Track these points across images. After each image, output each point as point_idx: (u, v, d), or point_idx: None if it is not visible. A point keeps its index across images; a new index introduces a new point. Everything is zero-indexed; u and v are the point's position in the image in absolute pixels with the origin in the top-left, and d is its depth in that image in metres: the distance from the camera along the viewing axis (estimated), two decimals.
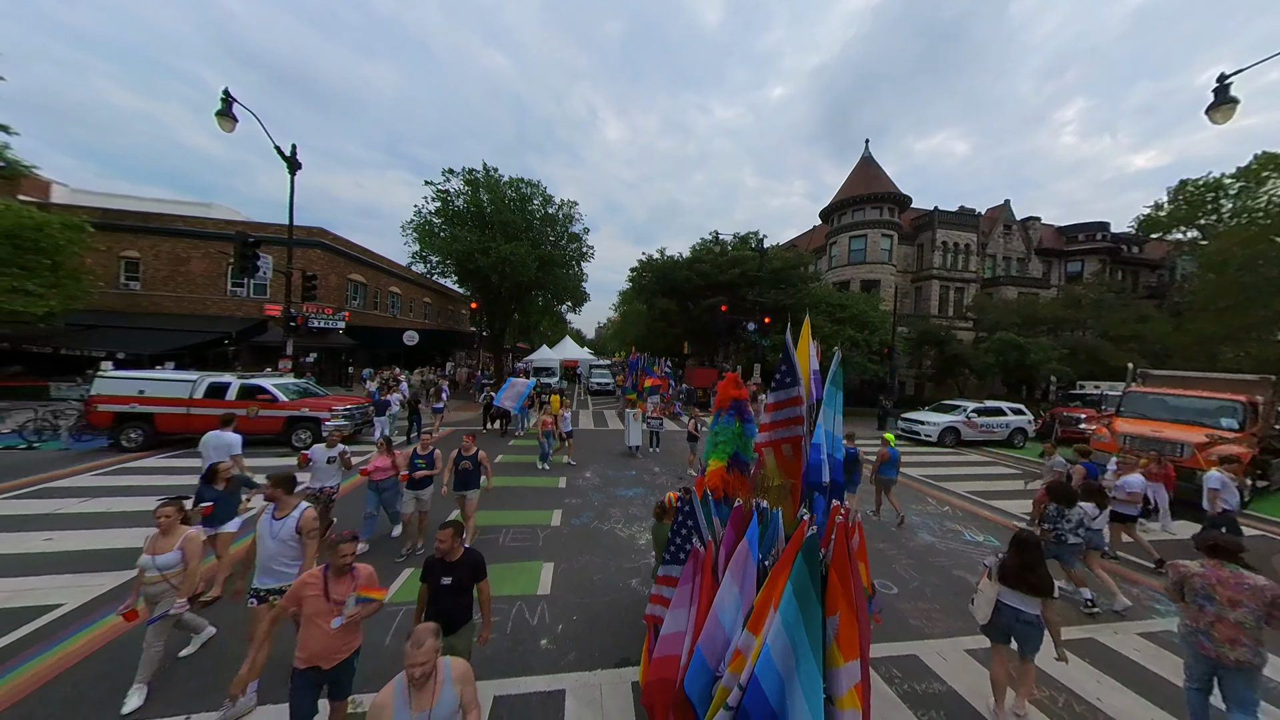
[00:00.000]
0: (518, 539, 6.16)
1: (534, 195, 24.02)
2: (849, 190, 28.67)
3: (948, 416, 15.43)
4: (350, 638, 2.61)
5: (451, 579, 2.75)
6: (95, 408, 9.17)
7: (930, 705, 3.52)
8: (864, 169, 29.19)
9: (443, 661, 2.15)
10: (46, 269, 12.76)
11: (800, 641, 1.96)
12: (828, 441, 2.39)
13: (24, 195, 16.42)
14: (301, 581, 2.57)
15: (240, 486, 4.84)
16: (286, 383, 10.88)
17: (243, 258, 11.17)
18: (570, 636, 4.13)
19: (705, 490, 2.79)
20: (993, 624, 3.27)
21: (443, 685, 2.09)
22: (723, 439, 3.01)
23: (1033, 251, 32.41)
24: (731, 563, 2.22)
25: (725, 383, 3.17)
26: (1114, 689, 3.78)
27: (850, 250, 28.10)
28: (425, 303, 34.13)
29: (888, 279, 27.18)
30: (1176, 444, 9.42)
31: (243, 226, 19.42)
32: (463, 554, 2.83)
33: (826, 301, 22.31)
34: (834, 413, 2.47)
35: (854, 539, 2.18)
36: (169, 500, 3.37)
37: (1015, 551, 3.21)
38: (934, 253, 28.74)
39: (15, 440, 9.21)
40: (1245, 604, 2.78)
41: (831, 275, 29.19)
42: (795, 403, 2.73)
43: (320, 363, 20.33)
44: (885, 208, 27.40)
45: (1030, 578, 3.09)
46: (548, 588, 4.97)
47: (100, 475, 7.96)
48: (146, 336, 16.04)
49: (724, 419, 3.05)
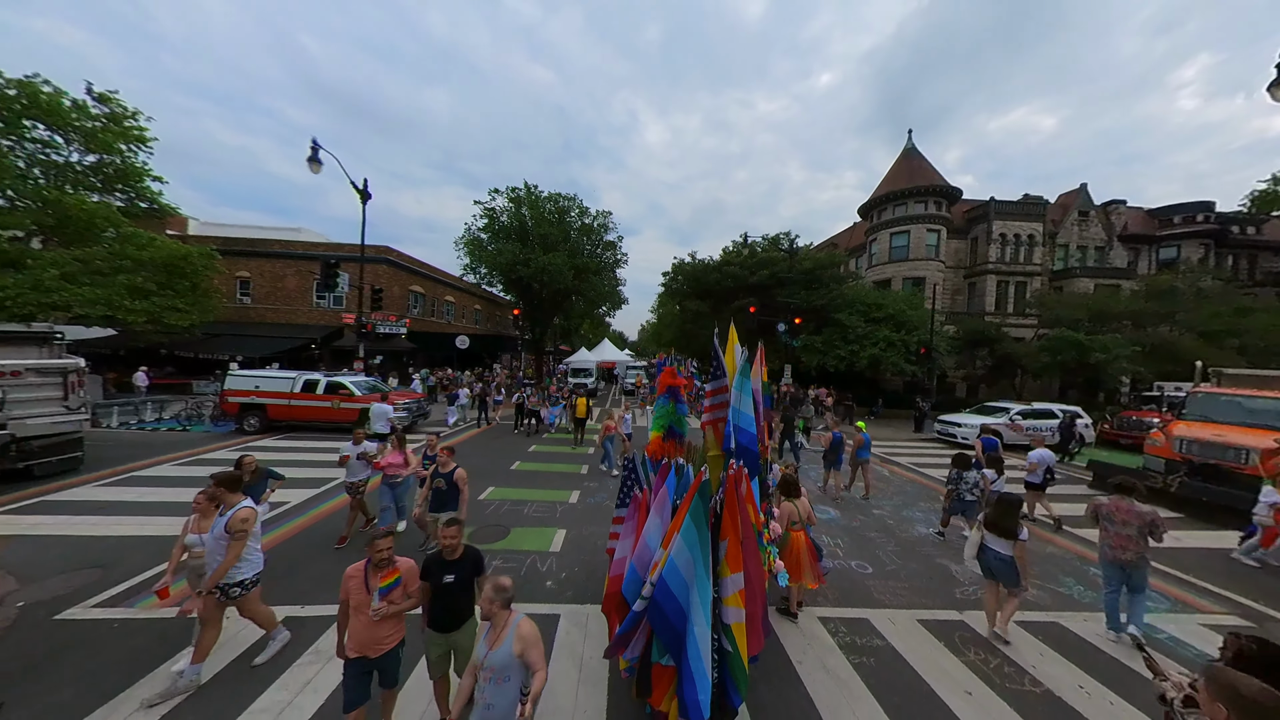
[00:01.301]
0: (539, 511, 7.25)
1: (570, 208, 25.65)
2: (890, 184, 27.53)
3: (988, 419, 14.69)
4: (393, 629, 2.70)
5: (454, 577, 2.77)
6: (226, 399, 11.68)
7: (864, 654, 4.05)
8: (907, 161, 27.90)
9: (514, 617, 2.38)
10: (188, 290, 16.05)
11: (695, 555, 2.73)
12: (735, 417, 3.13)
13: (170, 230, 20.50)
14: (346, 574, 2.68)
15: (266, 477, 5.10)
16: (360, 380, 12.94)
17: (327, 276, 13.42)
18: (570, 582, 5.09)
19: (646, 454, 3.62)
20: (981, 563, 4.35)
21: (507, 636, 2.32)
22: (660, 415, 3.82)
23: (1114, 239, 29.10)
24: (656, 502, 3.03)
25: (664, 374, 3.97)
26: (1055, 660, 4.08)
27: (892, 247, 26.96)
28: (476, 309, 37.14)
29: (934, 276, 25.78)
30: (1240, 450, 8.66)
31: (325, 247, 22.75)
32: (464, 551, 2.85)
33: (861, 301, 21.77)
34: (744, 395, 3.19)
35: (741, 487, 2.91)
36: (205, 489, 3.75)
37: (994, 507, 4.30)
38: (989, 246, 26.80)
39: (174, 424, 11.99)
40: (1131, 523, 4.25)
41: (872, 274, 28.17)
42: (724, 391, 3.47)
43: (385, 364, 23.16)
44: (931, 201, 26.03)
45: (1002, 523, 4.16)
46: (559, 547, 5.97)
47: (232, 451, 10.18)
48: (256, 342, 19.38)
49: (661, 401, 3.86)
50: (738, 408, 3.18)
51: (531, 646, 2.32)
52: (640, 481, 3.36)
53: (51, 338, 8.03)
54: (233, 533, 3.35)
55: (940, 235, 26.15)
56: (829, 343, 20.92)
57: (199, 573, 3.53)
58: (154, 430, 12.01)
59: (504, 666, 2.27)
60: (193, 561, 3.59)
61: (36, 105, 14.26)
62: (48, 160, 15.23)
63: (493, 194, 25.16)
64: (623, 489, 3.46)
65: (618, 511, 3.53)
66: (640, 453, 3.58)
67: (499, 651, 2.27)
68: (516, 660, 2.28)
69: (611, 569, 3.32)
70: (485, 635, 2.33)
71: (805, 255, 24.02)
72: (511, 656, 2.27)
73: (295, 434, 11.83)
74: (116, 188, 16.38)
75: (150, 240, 15.30)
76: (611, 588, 3.32)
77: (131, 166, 16.25)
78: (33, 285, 12.76)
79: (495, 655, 2.26)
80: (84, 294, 13.44)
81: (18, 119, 14.29)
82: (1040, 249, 27.39)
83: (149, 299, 14.82)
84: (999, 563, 4.18)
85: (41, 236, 15.11)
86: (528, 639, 2.33)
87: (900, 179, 27.21)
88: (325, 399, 11.84)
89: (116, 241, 14.99)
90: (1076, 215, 28.87)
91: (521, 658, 2.29)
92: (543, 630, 4.28)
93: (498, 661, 2.26)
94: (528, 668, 2.29)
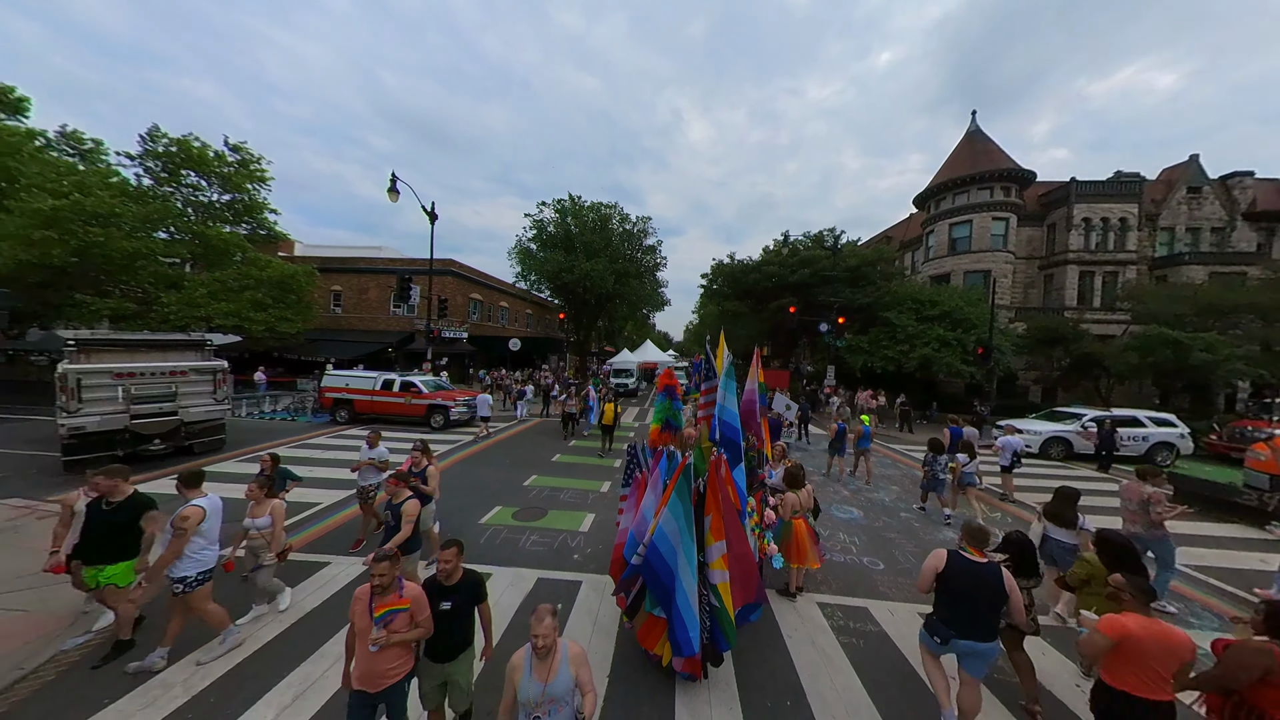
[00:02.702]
0: (573, 497, 8.13)
1: (611, 215, 26.81)
2: (950, 171, 25.60)
3: (1055, 425, 13.50)
4: (397, 660, 2.48)
5: (451, 603, 2.59)
6: (324, 395, 13.96)
7: (855, 636, 4.39)
8: (970, 145, 25.79)
9: (561, 643, 2.28)
10: (295, 302, 19.14)
11: (680, 525, 3.34)
12: (720, 412, 3.68)
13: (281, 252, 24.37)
14: (355, 596, 2.53)
15: (284, 478, 5.43)
16: (428, 379, 14.76)
17: (402, 290, 15.46)
18: (594, 557, 5.84)
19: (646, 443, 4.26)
20: (1042, 551, 4.54)
21: (561, 664, 2.22)
22: (659, 410, 4.44)
23: (1238, 218, 24.81)
24: (651, 482, 3.67)
25: (663, 375, 4.57)
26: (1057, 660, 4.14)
27: (951, 239, 25.08)
28: (527, 313, 39.65)
29: (1000, 268, 23.66)
30: None
31: (400, 263, 25.70)
32: (462, 576, 2.68)
33: (913, 298, 20.60)
34: (729, 394, 3.72)
35: (721, 471, 3.46)
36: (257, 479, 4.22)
37: (1054, 500, 4.63)
38: (1070, 233, 24.05)
39: (285, 415, 14.58)
40: (1133, 499, 4.96)
41: (929, 268, 26.38)
42: (714, 390, 4.03)
43: (448, 365, 25.69)
44: (997, 187, 23.89)
45: (1063, 514, 4.48)
46: (587, 528, 6.78)
47: (330, 437, 12.23)
48: (345, 346, 22.49)
49: (659, 398, 4.47)
50: (723, 404, 3.73)
51: (583, 666, 2.28)
52: (641, 465, 4.03)
53: (204, 344, 10.29)
54: (175, 527, 3.41)
55: (1009, 224, 23.92)
56: (875, 343, 20.07)
57: (255, 553, 4.03)
58: (270, 419, 14.65)
59: (565, 694, 2.20)
60: (250, 543, 4.08)
61: (190, 158, 17.85)
62: (196, 200, 18.96)
63: (540, 206, 27.04)
64: (626, 472, 4.15)
65: (623, 490, 4.21)
66: (642, 441, 4.24)
67: (558, 681, 2.18)
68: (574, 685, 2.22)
69: (617, 538, 4.02)
70: (531, 671, 2.18)
71: (850, 252, 23.14)
72: (571, 682, 2.21)
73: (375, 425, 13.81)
74: (244, 219, 19.95)
75: (268, 262, 18.48)
76: (616, 554, 4.02)
77: (255, 201, 19.73)
78: (188, 302, 16.05)
79: (556, 686, 2.18)
80: (222, 308, 16.62)
81: (178, 170, 17.99)
82: (1135, 234, 24.07)
83: (267, 311, 17.93)
84: (1061, 550, 4.47)
85: (191, 262, 18.82)
86: (579, 659, 2.29)
87: (962, 164, 25.21)
88: (399, 396, 13.74)
89: (243, 264, 18.30)
90: (1185, 192, 24.99)
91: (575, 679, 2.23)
92: (566, 594, 5.13)
93: (559, 691, 2.18)
94: (578, 689, 2.23)
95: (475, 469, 9.75)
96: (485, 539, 6.25)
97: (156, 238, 16.90)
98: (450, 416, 13.74)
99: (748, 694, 3.57)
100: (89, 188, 14.42)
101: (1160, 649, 2.34)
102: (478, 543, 6.09)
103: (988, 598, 2.96)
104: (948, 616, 3.04)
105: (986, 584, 2.96)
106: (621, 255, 26.87)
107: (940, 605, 3.11)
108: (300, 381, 18.88)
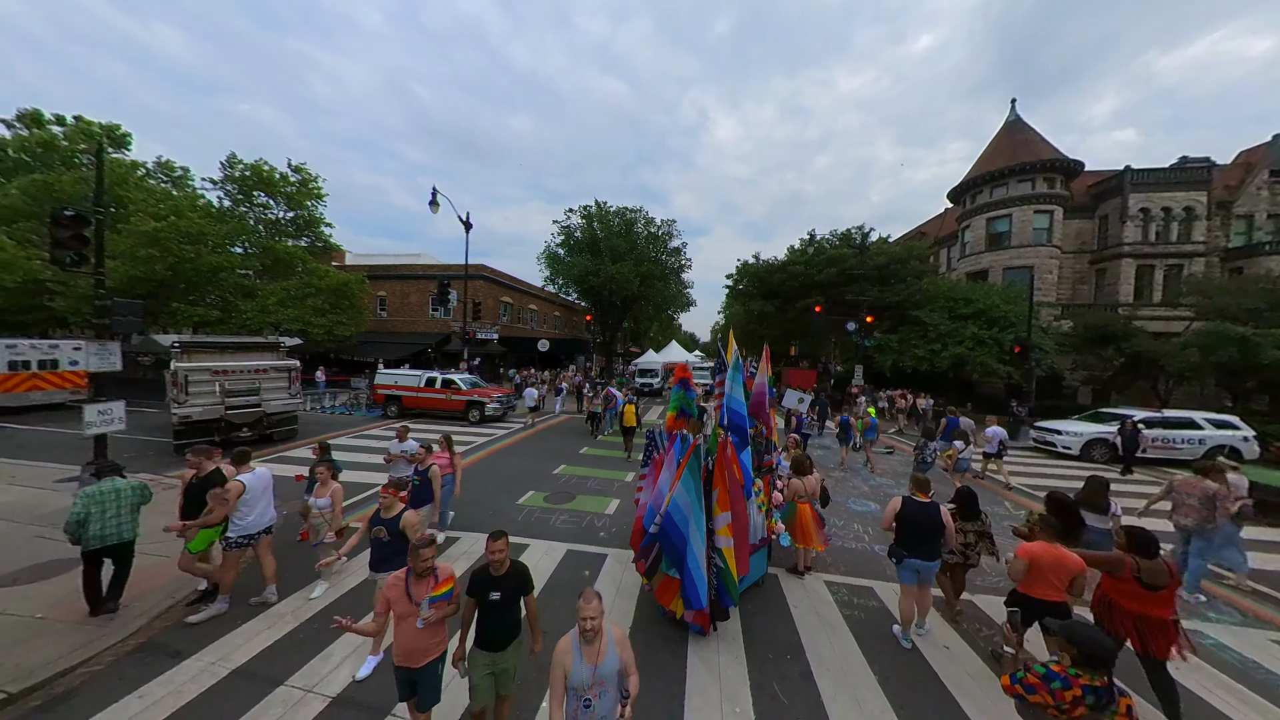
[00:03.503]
0: (599, 485, 8.77)
1: (636, 219, 27.51)
2: (988, 164, 24.59)
3: (1098, 427, 12.90)
4: (434, 638, 2.65)
5: (500, 594, 2.66)
6: (376, 391, 15.38)
7: (857, 610, 4.74)
8: (1009, 135, 24.69)
9: (605, 625, 2.35)
10: (349, 308, 20.99)
11: (691, 498, 3.86)
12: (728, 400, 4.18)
13: (334, 262, 26.63)
14: (388, 584, 2.67)
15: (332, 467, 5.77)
16: (465, 377, 15.91)
17: (442, 294, 16.73)
18: (617, 534, 6.44)
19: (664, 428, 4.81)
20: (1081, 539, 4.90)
21: (608, 646, 2.29)
22: (675, 400, 4.97)
23: None
24: (666, 461, 4.21)
25: (678, 369, 5.10)
26: None
27: (989, 234, 24.09)
28: (555, 315, 41.02)
29: (1044, 263, 22.52)
30: None
31: (438, 269, 27.43)
32: (510, 566, 2.76)
33: (945, 296, 20.01)
34: (736, 385, 4.21)
35: (728, 451, 3.95)
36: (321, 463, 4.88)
37: (1085, 487, 4.95)
38: (1124, 224, 22.54)
39: (343, 409, 16.18)
40: (1194, 495, 5.19)
41: (965, 265, 25.42)
42: (724, 383, 4.53)
43: (481, 365, 27.16)
44: (1040, 179, 22.76)
45: (1094, 501, 4.85)
46: (612, 511, 7.39)
47: (382, 429, 13.51)
48: (391, 347, 24.32)
49: (675, 389, 5.00)
50: (730, 394, 4.24)
51: (626, 647, 2.38)
52: (658, 447, 4.58)
53: (278, 346, 11.73)
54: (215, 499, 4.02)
55: (1053, 217, 22.72)
56: (905, 341, 19.66)
57: (316, 530, 4.58)
58: (330, 413, 16.25)
59: (613, 675, 2.31)
60: (314, 521, 4.60)
61: (260, 180, 20.00)
62: (265, 218, 21.17)
63: (568, 213, 28.16)
64: (645, 453, 4.72)
65: (642, 470, 4.78)
66: (660, 426, 4.79)
67: (607, 663, 2.28)
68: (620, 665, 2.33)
69: (637, 512, 4.59)
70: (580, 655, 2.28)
71: (878, 250, 22.70)
72: (618, 663, 2.32)
73: (420, 419, 15.09)
74: (304, 233, 22.06)
75: (326, 272, 20.40)
76: (636, 525, 4.59)
77: (314, 216, 21.77)
78: (261, 309, 18.03)
79: (605, 667, 2.28)
80: (289, 314, 18.54)
81: (250, 191, 20.19)
82: (1203, 223, 22.24)
83: (325, 316, 19.79)
84: (1095, 534, 4.80)
85: (261, 273, 21.04)
86: (623, 641, 2.39)
87: (1001, 156, 24.18)
88: (441, 392, 14.93)
89: (305, 274, 20.27)
90: (1266, 176, 22.84)
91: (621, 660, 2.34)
92: (593, 564, 5.73)
93: (608, 672, 2.28)
94: (622, 671, 2.33)
95: (510, 458, 10.61)
96: (522, 517, 6.99)
97: (234, 252, 19.07)
98: (486, 411, 14.80)
99: (753, 648, 4.04)
100: (182, 211, 16.57)
101: (1057, 566, 3.31)
102: (515, 520, 6.83)
103: (929, 528, 3.99)
104: (903, 542, 4.07)
105: (929, 518, 4.00)
106: (646, 258, 27.52)
107: (898, 535, 4.11)
108: (353, 380, 20.69)
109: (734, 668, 3.78)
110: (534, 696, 3.37)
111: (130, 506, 4.14)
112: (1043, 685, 2.05)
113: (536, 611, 2.93)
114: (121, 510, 4.08)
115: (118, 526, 4.04)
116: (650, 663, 3.79)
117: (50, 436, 11.32)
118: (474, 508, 7.19)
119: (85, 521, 3.87)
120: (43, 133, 20.52)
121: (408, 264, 30.01)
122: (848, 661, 3.94)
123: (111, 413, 7.05)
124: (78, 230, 6.81)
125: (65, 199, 18.35)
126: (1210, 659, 4.15)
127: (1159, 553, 3.19)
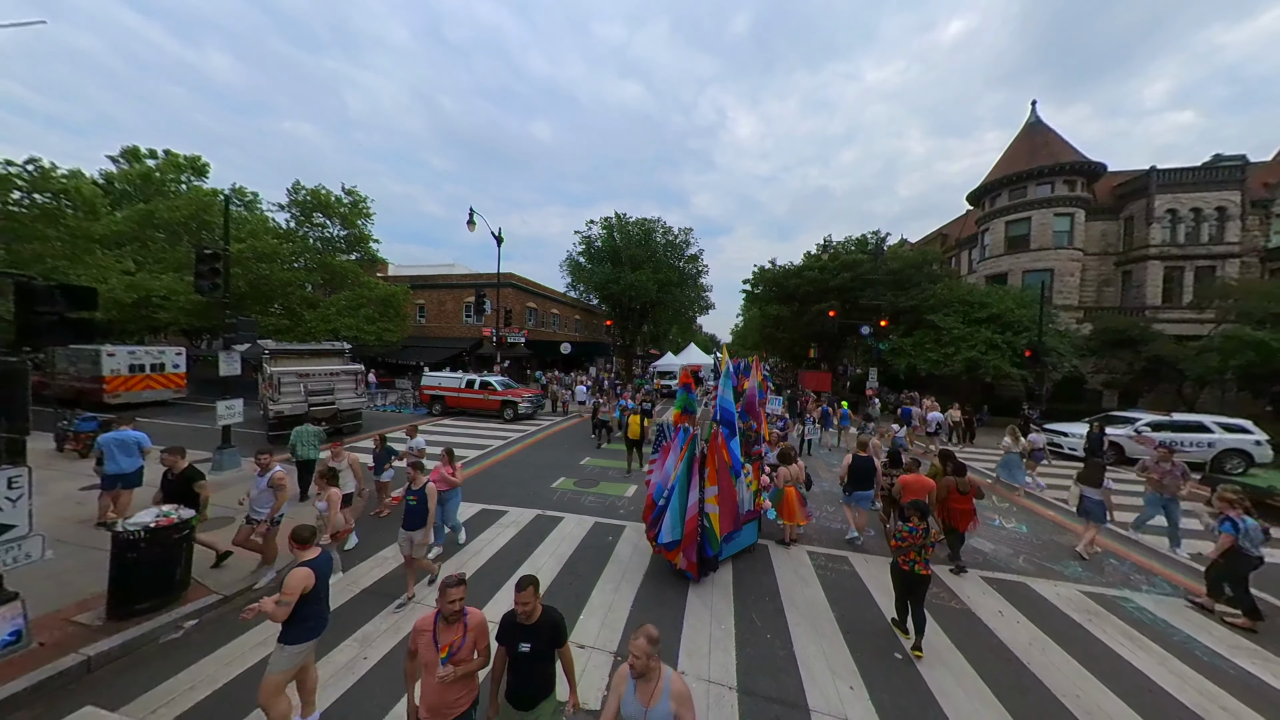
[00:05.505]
0: (617, 475, 10.08)
1: (655, 228, 28.86)
2: (1007, 166, 24.58)
3: (1108, 429, 13.25)
4: (464, 690, 2.47)
5: (530, 645, 2.47)
6: (422, 392, 17.29)
7: (830, 572, 5.85)
8: (1029, 137, 24.59)
9: (665, 670, 2.22)
10: (394, 316, 23.22)
11: (683, 471, 5.11)
12: (720, 399, 5.42)
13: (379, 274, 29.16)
14: (416, 628, 2.50)
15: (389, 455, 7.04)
16: (499, 379, 17.60)
17: (479, 303, 18.53)
18: (634, 512, 7.71)
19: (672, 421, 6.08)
20: (1081, 508, 6.71)
21: (663, 694, 2.18)
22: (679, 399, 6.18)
23: None
24: (672, 448, 5.48)
25: (683, 374, 6.35)
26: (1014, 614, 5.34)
27: (1008, 237, 24.07)
28: (576, 319, 42.77)
29: (1065, 266, 22.40)
30: None
31: (470, 278, 29.54)
32: (542, 614, 2.55)
33: (960, 300, 20.32)
34: (726, 387, 5.45)
35: (718, 439, 5.18)
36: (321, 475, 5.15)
37: (1084, 468, 6.68)
38: (1150, 226, 22.16)
39: (392, 408, 18.22)
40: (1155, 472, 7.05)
41: (984, 268, 25.40)
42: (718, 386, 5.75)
43: (509, 368, 29.05)
44: (1060, 181, 22.66)
45: (1092, 477, 6.53)
46: (630, 494, 8.69)
47: (430, 425, 15.28)
48: (431, 352, 26.51)
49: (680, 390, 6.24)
50: (721, 394, 5.48)
51: (685, 706, 2.19)
52: (666, 437, 5.85)
53: (344, 352, 13.65)
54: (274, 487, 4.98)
55: (1074, 219, 22.56)
56: (919, 345, 20.09)
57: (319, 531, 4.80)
58: (383, 411, 18.29)
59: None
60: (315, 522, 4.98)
61: (319, 202, 22.46)
62: (322, 236, 23.68)
63: (589, 224, 29.85)
64: (656, 442, 6.02)
65: (652, 456, 6.08)
66: (668, 420, 6.06)
67: (658, 710, 2.16)
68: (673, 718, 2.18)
69: (648, 490, 5.87)
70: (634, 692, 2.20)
71: (892, 255, 23.14)
72: (670, 716, 2.17)
73: (461, 417, 16.88)
74: (355, 249, 24.47)
75: (375, 284, 22.67)
76: (647, 501, 5.87)
77: (363, 233, 24.14)
78: (322, 318, 20.35)
79: (655, 713, 2.16)
80: (346, 323, 20.80)
81: (310, 213, 22.69)
82: (1238, 223, 21.61)
83: (375, 324, 22.02)
84: (1092, 503, 6.50)
85: (319, 286, 23.53)
86: (683, 697, 2.20)
87: (1020, 159, 24.14)
88: (479, 393, 16.67)
89: (357, 286, 22.59)
90: None
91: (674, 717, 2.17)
92: (615, 533, 7.04)
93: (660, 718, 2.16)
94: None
95: (543, 451, 12.09)
96: (556, 497, 8.39)
97: (299, 269, 21.53)
98: (519, 410, 16.40)
99: (739, 592, 5.24)
100: (258, 233, 19.00)
101: (918, 486, 5.80)
102: (550, 499, 8.23)
103: (866, 471, 6.60)
104: (853, 481, 6.60)
105: (868, 466, 6.61)
106: (665, 265, 28.82)
107: (849, 479, 6.63)
108: (399, 382, 22.86)
109: (723, 603, 5.00)
110: None
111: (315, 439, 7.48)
112: (894, 535, 4.50)
113: (572, 664, 2.73)
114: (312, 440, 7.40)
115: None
116: (660, 598, 5.06)
117: (166, 429, 13.59)
118: (517, 488, 8.68)
119: (295, 446, 7.42)
120: (140, 166, 23.71)
121: (443, 274, 32.36)
122: (813, 602, 5.09)
123: (235, 408, 8.92)
124: (213, 264, 8.70)
125: (162, 224, 21.30)
126: (1125, 618, 5.04)
127: (967, 472, 5.88)
